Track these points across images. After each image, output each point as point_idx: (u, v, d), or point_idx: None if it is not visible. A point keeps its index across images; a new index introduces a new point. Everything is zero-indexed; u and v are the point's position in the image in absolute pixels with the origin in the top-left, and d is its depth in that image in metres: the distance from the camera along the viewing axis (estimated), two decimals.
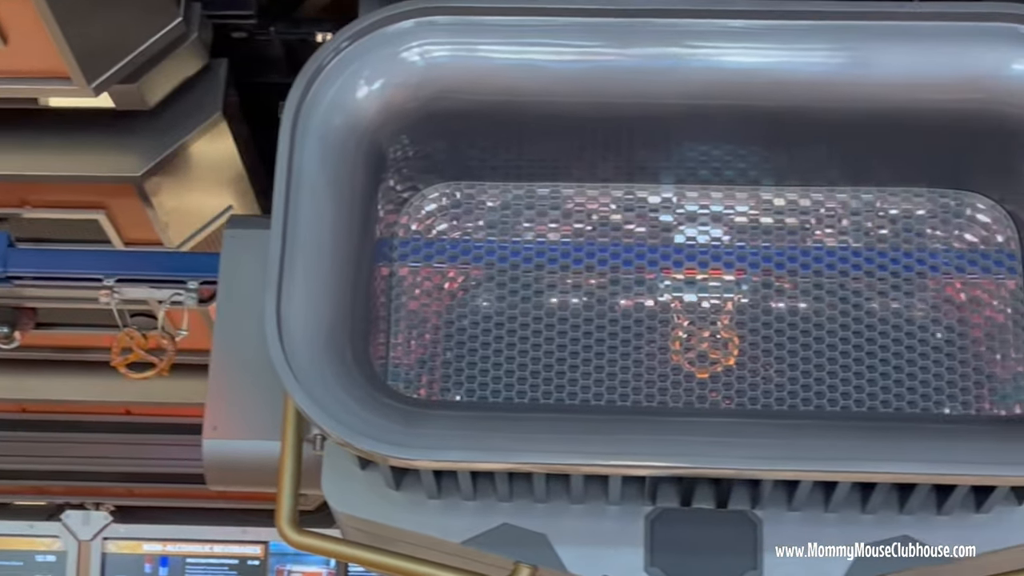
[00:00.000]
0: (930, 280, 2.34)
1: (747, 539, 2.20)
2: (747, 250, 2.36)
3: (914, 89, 2.18)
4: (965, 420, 2.24)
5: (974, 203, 2.36)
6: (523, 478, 2.19)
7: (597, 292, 2.35)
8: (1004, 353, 2.29)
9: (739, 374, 2.29)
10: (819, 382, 2.28)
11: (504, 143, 2.34)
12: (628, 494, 2.21)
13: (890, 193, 2.37)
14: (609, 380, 2.29)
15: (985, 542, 2.19)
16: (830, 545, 2.20)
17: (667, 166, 2.35)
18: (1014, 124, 2.18)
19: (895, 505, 2.19)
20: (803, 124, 2.24)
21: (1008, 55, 2.15)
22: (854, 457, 2.04)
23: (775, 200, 2.38)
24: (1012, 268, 2.33)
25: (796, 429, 2.13)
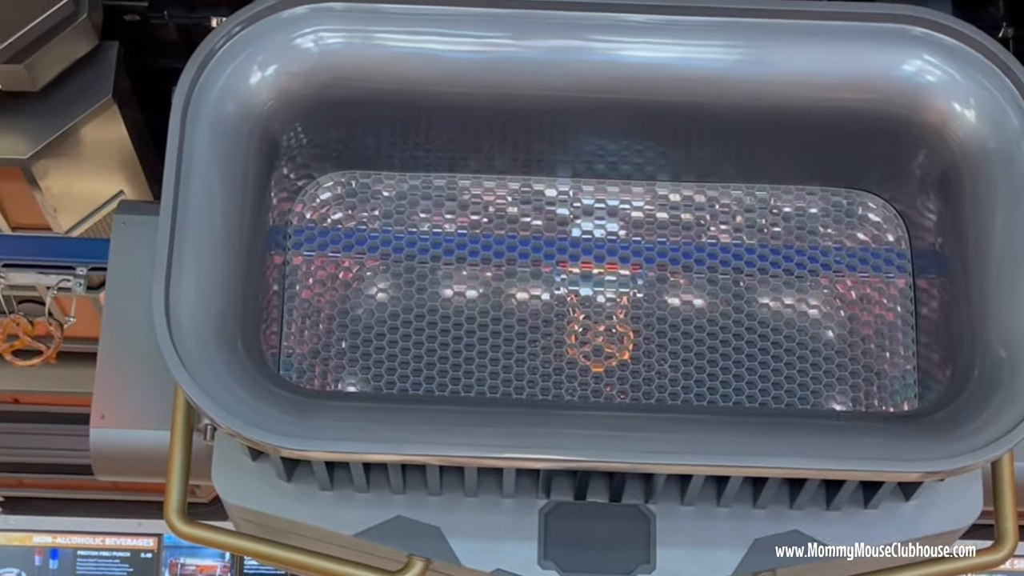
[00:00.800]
0: (822, 278, 2.37)
1: (640, 533, 2.21)
2: (643, 245, 2.37)
3: (808, 88, 2.21)
4: (854, 417, 2.28)
5: (866, 202, 2.40)
6: (417, 470, 2.18)
7: (493, 284, 2.35)
8: (893, 351, 2.33)
9: (634, 369, 2.30)
10: (712, 377, 2.30)
11: (400, 132, 2.32)
12: (523, 487, 2.21)
13: (784, 191, 2.40)
14: (504, 373, 2.28)
15: (873, 537, 2.22)
16: (722, 539, 2.22)
17: (564, 159, 2.35)
18: (904, 125, 2.22)
19: (786, 500, 2.22)
20: (699, 120, 2.26)
21: (898, 56, 2.19)
22: (745, 452, 2.06)
23: (671, 196, 2.39)
24: (901, 267, 2.37)
25: (689, 424, 2.14)
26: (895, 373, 2.32)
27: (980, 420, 2.07)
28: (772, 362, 2.31)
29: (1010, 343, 2.10)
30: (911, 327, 2.34)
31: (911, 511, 2.24)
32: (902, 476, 2.10)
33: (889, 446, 2.09)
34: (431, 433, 2.05)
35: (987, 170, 2.16)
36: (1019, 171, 2.14)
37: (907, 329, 2.34)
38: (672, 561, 2.20)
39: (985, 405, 2.08)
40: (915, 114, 2.20)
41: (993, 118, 2.16)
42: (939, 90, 2.19)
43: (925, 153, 2.24)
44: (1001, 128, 2.16)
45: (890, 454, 2.07)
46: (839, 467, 2.07)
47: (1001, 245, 2.14)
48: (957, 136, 2.18)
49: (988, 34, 2.19)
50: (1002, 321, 2.11)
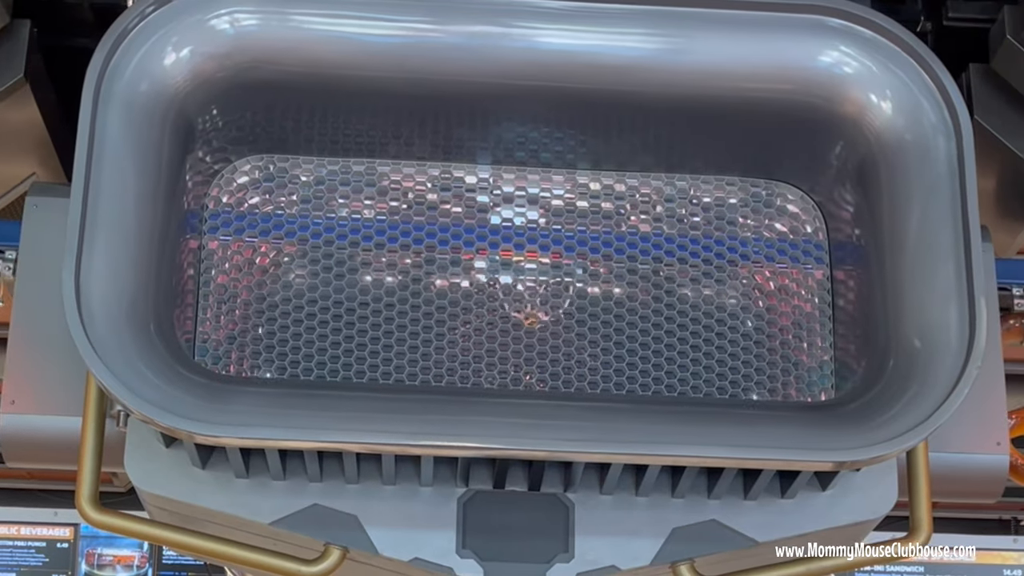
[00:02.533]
0: (741, 268, 2.38)
1: (559, 522, 2.21)
2: (563, 233, 2.37)
3: (727, 77, 2.21)
4: (772, 406, 2.29)
5: (784, 193, 2.41)
6: (334, 458, 2.17)
7: (412, 271, 2.33)
8: (811, 342, 2.35)
9: (553, 357, 2.30)
10: (631, 367, 2.30)
11: (318, 117, 2.29)
12: (441, 476, 2.21)
13: (703, 181, 2.41)
14: (423, 360, 2.27)
15: (790, 527, 2.24)
16: (641, 528, 2.22)
17: (484, 146, 2.34)
18: (821, 116, 2.23)
19: (704, 490, 2.23)
20: (619, 109, 2.25)
21: (815, 47, 2.20)
22: (662, 441, 2.06)
23: (591, 184, 2.39)
24: (819, 258, 2.39)
25: (607, 412, 2.14)
26: (812, 363, 2.34)
27: (894, 411, 2.09)
28: (691, 352, 2.32)
29: (924, 335, 2.12)
30: (828, 318, 2.36)
31: (827, 501, 2.25)
32: (818, 466, 2.12)
33: (805, 436, 2.10)
34: (348, 420, 2.04)
35: (903, 162, 2.18)
36: (934, 164, 2.16)
37: (824, 320, 2.36)
38: (590, 550, 2.21)
39: (900, 396, 2.11)
40: (832, 105, 2.22)
41: (909, 111, 2.19)
42: (856, 81, 2.20)
43: (842, 144, 2.26)
44: (917, 121, 2.18)
45: (806, 444, 2.09)
46: (755, 456, 2.08)
47: (916, 237, 2.16)
48: (874, 128, 2.20)
49: (906, 28, 2.22)
50: (917, 313, 2.14)
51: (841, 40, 2.20)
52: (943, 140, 2.16)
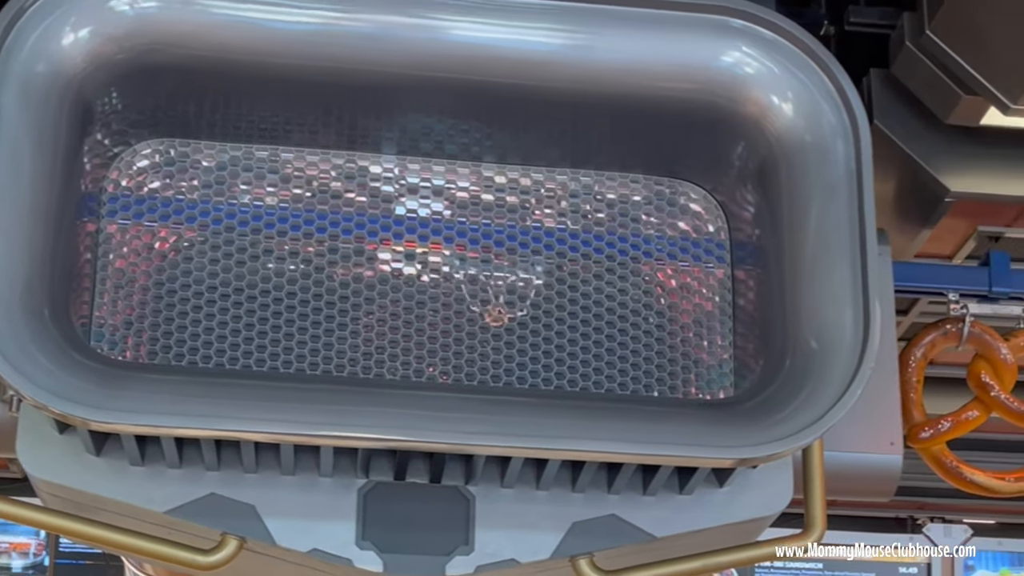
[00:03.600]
0: (643, 265, 2.40)
1: (459, 515, 2.21)
2: (467, 226, 2.37)
3: (631, 75, 2.23)
4: (671, 403, 2.31)
5: (687, 192, 2.43)
6: (232, 447, 2.14)
7: (315, 260, 2.32)
8: (711, 340, 2.37)
9: (456, 350, 2.29)
10: (534, 361, 2.31)
11: (221, 102, 2.27)
12: (341, 467, 2.19)
13: (608, 177, 2.42)
14: (325, 350, 2.26)
15: (688, 522, 2.26)
16: (541, 522, 2.23)
17: (389, 136, 2.33)
18: (724, 116, 2.26)
19: (604, 485, 2.24)
20: (524, 103, 2.26)
21: (718, 47, 2.22)
22: (562, 435, 2.08)
23: (496, 178, 2.40)
24: (721, 257, 2.41)
25: (508, 406, 2.15)
26: (712, 362, 2.36)
27: (790, 409, 2.12)
28: (593, 347, 2.33)
29: (821, 336, 2.16)
30: (728, 317, 2.38)
31: (724, 497, 2.28)
32: (715, 462, 2.14)
33: (703, 433, 2.13)
34: (246, 409, 2.02)
35: (803, 164, 2.21)
36: (833, 167, 2.20)
37: (724, 319, 2.38)
38: (491, 543, 2.21)
39: (796, 395, 2.14)
40: (734, 105, 2.24)
41: (810, 113, 2.22)
42: (758, 82, 2.23)
43: (744, 144, 2.28)
44: (817, 123, 2.21)
45: (704, 440, 2.11)
46: (653, 452, 2.10)
47: (815, 239, 2.19)
48: (775, 128, 2.23)
49: (810, 31, 2.25)
50: (814, 314, 2.17)
51: (743, 41, 2.23)
52: (842, 143, 2.20)
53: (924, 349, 3.13)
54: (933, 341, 3.14)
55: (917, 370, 3.13)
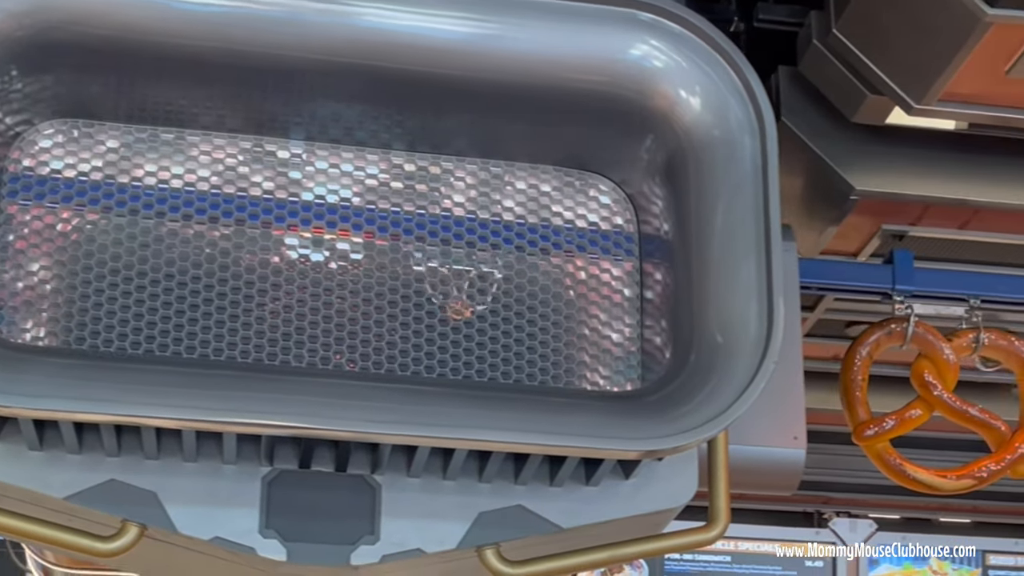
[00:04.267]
0: (553, 256, 2.40)
1: (365, 504, 2.20)
2: (376, 213, 2.35)
3: (541, 66, 2.23)
4: (578, 394, 2.32)
5: (597, 184, 2.44)
6: (133, 432, 2.11)
7: (220, 244, 2.29)
8: (619, 332, 2.38)
9: (364, 337, 2.27)
10: (443, 350, 2.30)
11: (127, 82, 2.23)
12: (245, 454, 2.17)
13: (518, 168, 2.42)
14: (230, 336, 2.23)
15: (593, 513, 2.27)
16: (447, 512, 2.22)
17: (298, 121, 2.31)
18: (632, 109, 2.27)
19: (511, 475, 2.24)
20: (434, 91, 2.25)
21: (626, 40, 2.23)
22: (468, 425, 2.07)
23: (406, 165, 2.38)
24: (629, 250, 2.42)
25: (415, 395, 2.14)
26: (620, 354, 2.37)
27: (695, 402, 2.14)
28: (502, 337, 2.33)
29: (726, 330, 2.18)
30: (636, 310, 2.39)
31: (630, 489, 2.29)
32: (620, 454, 2.15)
33: (609, 424, 2.14)
34: (146, 394, 1.99)
35: (711, 159, 2.23)
36: (740, 163, 2.22)
37: (633, 312, 2.39)
38: (396, 532, 2.20)
39: (701, 388, 2.15)
40: (643, 98, 2.25)
41: (717, 108, 2.24)
42: (666, 76, 2.24)
43: (652, 138, 2.29)
44: (724, 118, 2.23)
45: (610, 432, 2.12)
46: (559, 443, 2.11)
47: (721, 234, 2.21)
48: (683, 123, 2.24)
49: (720, 27, 2.26)
50: (719, 309, 2.19)
51: (651, 35, 2.24)
52: (749, 139, 2.22)
53: (869, 348, 3.19)
54: (878, 340, 3.20)
55: (862, 369, 3.18)
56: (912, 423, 3.30)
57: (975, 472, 3.30)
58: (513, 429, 2.09)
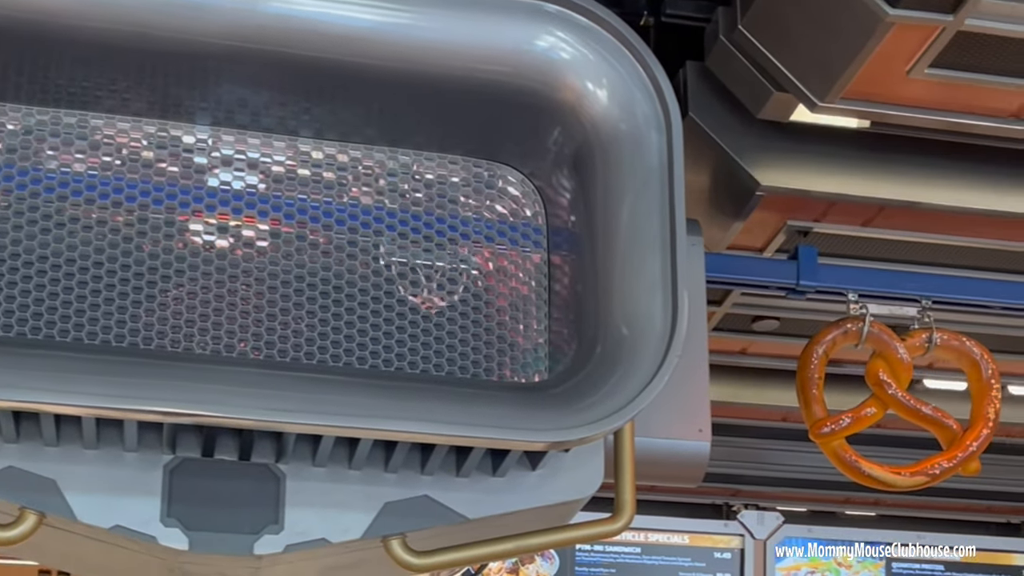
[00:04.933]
0: (461, 247, 2.40)
1: (269, 493, 2.18)
2: (282, 201, 2.34)
3: (449, 56, 2.23)
4: (485, 385, 2.32)
5: (506, 175, 2.45)
6: (32, 419, 2.07)
7: (124, 230, 2.26)
8: (527, 324, 2.39)
9: (269, 326, 2.26)
10: (349, 339, 2.29)
11: (27, 64, 2.19)
12: (147, 442, 2.14)
13: (427, 157, 2.42)
14: (132, 322, 2.20)
15: (500, 504, 2.27)
16: (353, 502, 2.21)
17: (204, 107, 2.29)
18: (539, 100, 2.27)
19: (417, 466, 2.24)
20: (342, 78, 2.24)
21: (533, 31, 2.24)
22: (374, 415, 2.07)
23: (313, 153, 2.37)
24: (538, 242, 2.43)
25: (320, 384, 2.13)
26: (527, 345, 2.38)
27: (600, 394, 2.15)
28: (409, 327, 2.32)
29: (631, 323, 2.19)
30: (544, 301, 2.40)
31: (537, 480, 2.30)
32: (526, 445, 2.16)
33: (515, 415, 2.14)
34: (45, 379, 1.96)
35: (617, 152, 2.25)
36: (646, 157, 2.23)
37: (540, 303, 2.40)
38: (301, 522, 2.18)
39: (606, 380, 2.17)
40: (550, 90, 2.26)
41: (624, 102, 2.25)
42: (573, 68, 2.25)
43: (560, 130, 2.30)
44: (631, 112, 2.25)
45: (516, 423, 2.13)
46: (465, 434, 2.11)
47: (627, 228, 2.23)
48: (590, 115, 2.26)
49: (629, 21, 2.28)
50: (625, 301, 2.21)
51: (557, 26, 2.25)
52: (655, 134, 2.23)
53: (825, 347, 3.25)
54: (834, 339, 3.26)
55: (819, 367, 3.24)
56: (867, 421, 3.36)
57: (928, 469, 3.38)
58: (419, 419, 2.09)
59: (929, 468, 3.38)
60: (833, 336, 3.26)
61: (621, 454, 2.33)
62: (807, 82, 2.85)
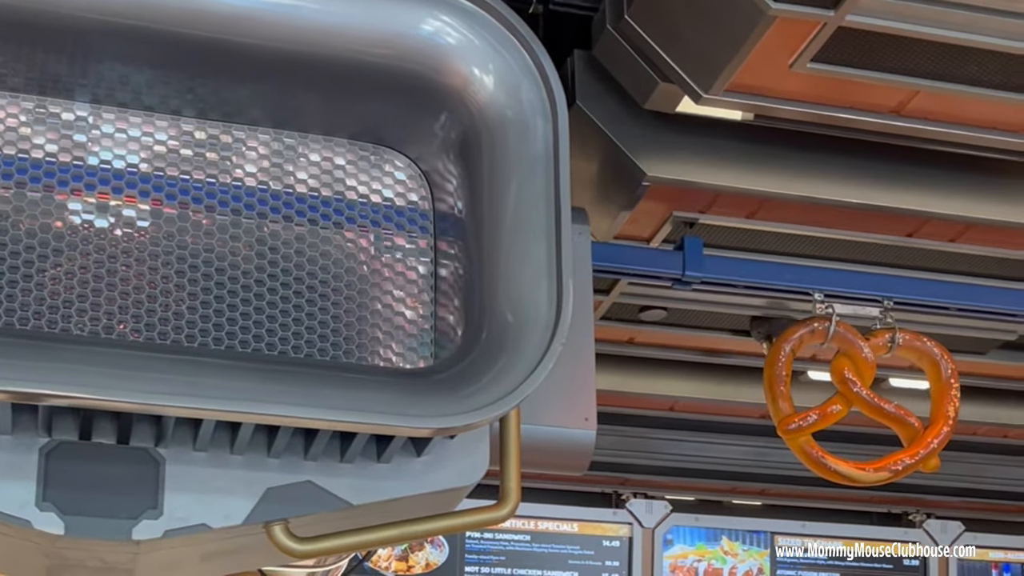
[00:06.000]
0: (346, 231, 2.38)
1: (148, 477, 2.15)
2: (164, 180, 2.30)
3: (334, 38, 2.21)
4: (370, 371, 2.31)
5: (393, 160, 2.43)
6: None
7: (0, 208, 2.21)
8: (413, 309, 2.38)
9: (149, 307, 2.22)
10: (231, 322, 2.26)
11: None
12: (22, 424, 2.10)
13: (312, 140, 2.39)
14: (8, 302, 2.15)
15: (384, 491, 2.26)
16: (234, 487, 2.19)
17: (84, 83, 2.24)
18: (426, 85, 2.27)
19: (300, 451, 2.22)
20: (226, 58, 2.21)
21: (419, 16, 2.23)
22: (255, 399, 2.04)
23: (196, 133, 2.34)
24: (424, 227, 2.43)
25: (200, 367, 2.10)
26: (413, 331, 2.37)
27: (485, 381, 2.15)
28: (293, 311, 2.30)
29: (517, 310, 2.20)
30: (430, 287, 2.39)
31: (422, 467, 2.29)
32: (410, 431, 2.15)
33: (399, 401, 2.14)
34: None
35: (504, 139, 2.25)
36: (532, 144, 2.24)
37: (426, 289, 2.39)
38: (180, 507, 2.15)
39: (491, 367, 2.17)
40: (436, 75, 2.25)
41: (510, 88, 2.25)
42: (459, 53, 2.25)
43: (446, 115, 2.30)
44: (517, 99, 2.25)
45: (400, 409, 2.12)
46: (348, 419, 2.10)
47: (513, 215, 2.23)
48: (476, 101, 2.26)
49: (518, 8, 2.28)
50: (511, 288, 2.21)
51: (443, 11, 2.24)
52: (541, 121, 2.24)
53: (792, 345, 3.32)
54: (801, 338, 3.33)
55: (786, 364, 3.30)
56: (833, 417, 3.45)
57: (891, 465, 3.49)
58: (301, 404, 2.07)
59: (892, 464, 3.50)
60: (800, 334, 3.35)
61: (507, 441, 2.33)
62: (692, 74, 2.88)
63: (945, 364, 3.52)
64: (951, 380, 3.53)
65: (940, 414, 3.51)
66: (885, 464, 3.51)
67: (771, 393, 3.39)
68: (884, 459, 3.53)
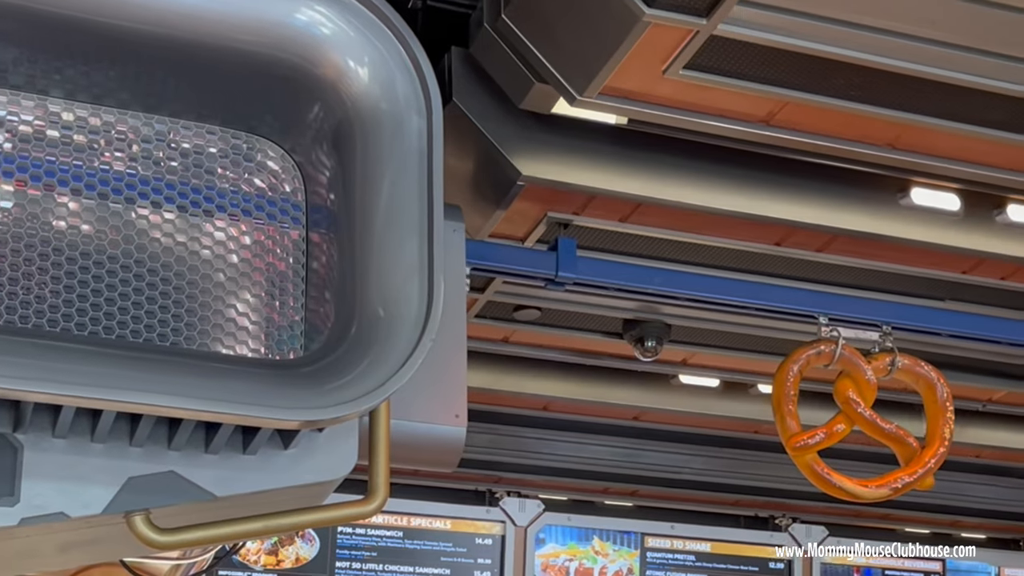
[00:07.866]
0: (217, 219, 2.36)
1: (5, 464, 2.11)
2: (29, 162, 2.25)
3: (206, 23, 2.19)
4: (237, 361, 2.28)
5: (265, 149, 2.41)
6: None
7: None
8: (283, 300, 2.36)
9: (11, 290, 2.17)
10: (96, 308, 2.22)
11: None
12: None
13: (184, 126, 2.37)
14: None
15: (250, 483, 2.24)
16: (95, 475, 2.15)
17: None
18: (299, 75, 2.26)
19: (164, 440, 2.19)
20: (95, 39, 2.18)
21: (293, 5, 2.23)
22: (115, 386, 2.01)
23: (64, 114, 2.29)
24: (296, 219, 2.41)
25: (61, 352, 2.06)
26: (282, 322, 2.35)
27: (354, 374, 2.15)
28: (160, 298, 2.27)
29: (388, 304, 2.20)
30: (301, 279, 2.38)
31: (289, 459, 2.27)
32: (276, 423, 2.14)
33: (266, 392, 2.12)
34: None
35: (377, 132, 2.25)
36: (406, 139, 2.24)
37: (297, 280, 2.38)
38: (38, 495, 2.11)
39: (360, 360, 2.17)
40: (310, 65, 2.25)
41: (385, 81, 2.25)
42: (333, 44, 2.24)
43: (320, 106, 2.29)
44: (392, 93, 2.25)
45: (267, 400, 2.10)
46: (212, 409, 2.08)
47: (386, 210, 2.23)
48: (350, 93, 2.25)
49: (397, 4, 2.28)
50: (382, 282, 2.21)
51: (318, 1, 2.23)
52: (416, 116, 2.25)
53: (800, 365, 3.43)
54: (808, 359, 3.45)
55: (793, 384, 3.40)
56: (837, 436, 3.60)
57: (891, 483, 3.66)
58: (164, 392, 2.04)
59: (892, 482, 3.67)
60: (807, 356, 3.49)
61: (375, 436, 2.33)
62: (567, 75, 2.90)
63: (941, 387, 3.70)
64: (946, 403, 3.71)
65: (936, 435, 3.71)
66: (886, 482, 3.69)
67: (779, 412, 3.54)
68: (884, 477, 3.71)
